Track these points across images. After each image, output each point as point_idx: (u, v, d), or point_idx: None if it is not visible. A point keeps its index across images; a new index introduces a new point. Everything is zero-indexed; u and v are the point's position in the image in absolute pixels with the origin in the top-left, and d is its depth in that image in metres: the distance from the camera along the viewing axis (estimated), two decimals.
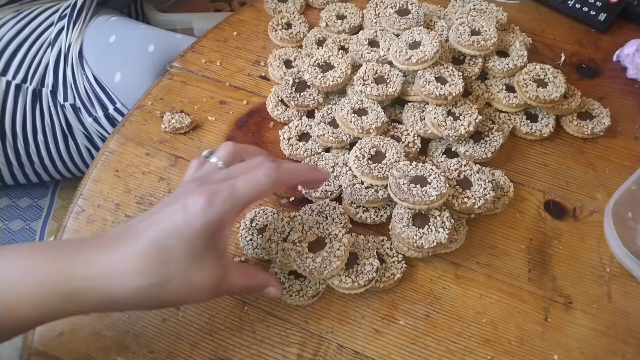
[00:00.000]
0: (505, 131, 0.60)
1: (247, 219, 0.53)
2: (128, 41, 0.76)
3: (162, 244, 0.37)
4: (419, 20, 0.63)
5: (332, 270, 0.46)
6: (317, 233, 0.48)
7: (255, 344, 0.47)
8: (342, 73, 0.60)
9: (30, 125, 0.77)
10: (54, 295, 0.36)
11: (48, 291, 0.36)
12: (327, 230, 0.48)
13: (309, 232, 0.48)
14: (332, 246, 0.47)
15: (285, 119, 0.62)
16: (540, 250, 0.54)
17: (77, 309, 0.37)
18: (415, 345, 0.48)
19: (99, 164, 0.58)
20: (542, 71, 0.62)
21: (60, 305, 0.36)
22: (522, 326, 0.49)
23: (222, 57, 0.68)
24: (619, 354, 0.48)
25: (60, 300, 0.36)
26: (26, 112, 0.77)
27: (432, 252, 0.50)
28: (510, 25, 0.69)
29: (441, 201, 0.48)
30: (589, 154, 0.62)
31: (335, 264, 0.46)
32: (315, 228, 0.48)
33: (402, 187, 0.48)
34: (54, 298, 0.36)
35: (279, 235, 0.49)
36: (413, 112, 0.59)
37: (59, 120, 0.79)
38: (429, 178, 0.49)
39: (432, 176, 0.49)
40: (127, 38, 0.76)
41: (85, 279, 0.36)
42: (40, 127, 0.78)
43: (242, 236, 0.52)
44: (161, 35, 0.78)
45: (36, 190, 0.89)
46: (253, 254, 0.51)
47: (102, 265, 0.36)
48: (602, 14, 0.74)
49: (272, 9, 0.73)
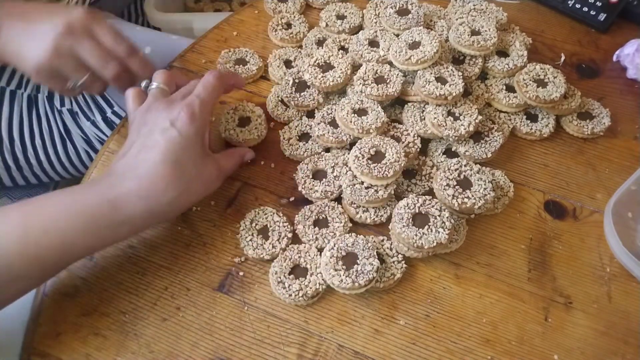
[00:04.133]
0: (505, 131, 0.60)
1: (247, 219, 0.53)
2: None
3: (173, 159, 0.45)
4: (419, 20, 0.63)
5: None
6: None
7: (255, 344, 0.47)
8: (342, 73, 0.60)
9: (28, 130, 0.77)
10: (104, 224, 0.43)
11: (99, 222, 0.43)
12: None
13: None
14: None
15: (285, 119, 0.62)
16: (540, 250, 0.54)
17: (126, 232, 0.45)
18: (415, 345, 0.48)
19: (99, 164, 0.58)
20: (542, 71, 0.62)
21: (111, 231, 0.44)
22: (522, 326, 0.49)
23: None
24: (619, 354, 0.48)
25: (110, 228, 0.44)
26: (22, 117, 0.77)
27: (432, 252, 0.50)
28: (510, 25, 0.69)
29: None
30: (589, 154, 0.62)
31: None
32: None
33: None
34: (106, 227, 0.43)
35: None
36: (413, 112, 0.59)
37: (56, 125, 0.79)
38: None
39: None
40: None
41: (126, 206, 0.43)
42: (37, 131, 0.78)
43: (242, 237, 0.52)
44: (157, 37, 0.78)
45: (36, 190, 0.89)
46: (253, 254, 0.51)
47: (135, 190, 0.44)
48: (602, 14, 0.74)
49: (272, 9, 0.73)
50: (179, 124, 0.46)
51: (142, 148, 0.46)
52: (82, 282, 0.50)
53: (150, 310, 0.48)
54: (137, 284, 0.50)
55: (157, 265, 0.51)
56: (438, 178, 0.52)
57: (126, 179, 0.44)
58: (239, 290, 0.50)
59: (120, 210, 0.43)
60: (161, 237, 0.53)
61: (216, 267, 0.51)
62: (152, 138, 0.46)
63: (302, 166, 0.56)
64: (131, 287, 0.49)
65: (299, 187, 0.55)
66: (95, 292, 0.49)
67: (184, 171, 0.46)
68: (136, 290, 0.49)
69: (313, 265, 0.50)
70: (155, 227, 0.53)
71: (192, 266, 0.51)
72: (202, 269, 0.51)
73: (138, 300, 0.49)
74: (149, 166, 0.44)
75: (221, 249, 0.52)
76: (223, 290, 0.50)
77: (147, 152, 0.45)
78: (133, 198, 0.44)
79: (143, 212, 0.44)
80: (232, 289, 0.50)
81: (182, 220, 0.54)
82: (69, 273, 0.50)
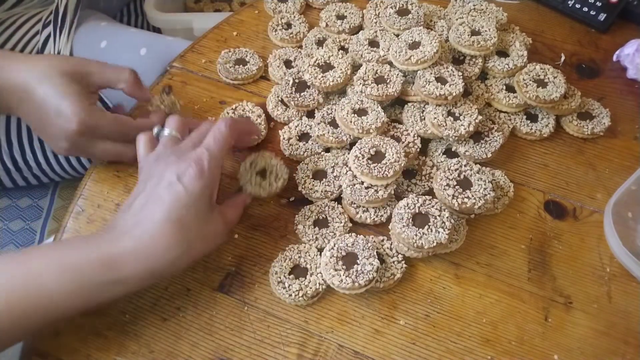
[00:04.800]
0: (505, 131, 0.60)
1: (247, 162, 0.54)
2: (119, 46, 0.75)
3: (176, 217, 0.42)
4: (419, 20, 0.63)
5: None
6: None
7: (255, 344, 0.47)
8: (342, 73, 0.60)
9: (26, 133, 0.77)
10: (95, 282, 0.40)
11: (89, 280, 0.40)
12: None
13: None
14: None
15: (285, 119, 0.62)
16: (540, 250, 0.54)
17: (119, 292, 0.42)
18: (415, 345, 0.48)
19: (99, 164, 0.58)
20: (542, 71, 0.62)
21: (101, 290, 0.41)
22: (522, 326, 0.49)
23: None
24: (619, 354, 0.48)
25: (102, 287, 0.41)
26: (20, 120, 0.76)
27: (432, 252, 0.50)
28: (510, 25, 0.69)
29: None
30: (589, 154, 0.62)
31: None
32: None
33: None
34: (96, 285, 0.41)
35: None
36: (413, 112, 0.59)
37: None
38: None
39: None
40: (118, 43, 0.76)
41: (124, 266, 0.41)
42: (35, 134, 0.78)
43: (242, 175, 0.54)
44: (152, 38, 0.78)
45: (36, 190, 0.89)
46: (252, 190, 0.53)
47: (134, 250, 0.41)
48: (602, 14, 0.74)
49: (272, 9, 0.73)
50: (185, 179, 0.43)
51: (146, 203, 0.43)
52: None
53: (150, 310, 0.48)
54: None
55: None
56: (438, 178, 0.52)
57: (125, 236, 0.42)
58: (239, 290, 0.50)
59: (115, 269, 0.41)
60: None
61: (216, 267, 0.51)
62: (157, 193, 0.43)
63: (302, 166, 0.56)
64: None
65: (299, 187, 0.55)
66: None
67: (187, 230, 0.43)
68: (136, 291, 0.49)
69: (313, 265, 0.50)
70: None
71: (192, 266, 0.51)
72: (202, 269, 0.51)
73: (138, 300, 0.49)
74: (151, 224, 0.42)
75: (221, 249, 0.52)
76: (223, 290, 0.50)
77: (150, 208, 0.43)
78: (130, 258, 0.41)
79: (141, 272, 0.42)
80: (232, 289, 0.50)
81: None
82: None
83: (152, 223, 0.42)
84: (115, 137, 0.52)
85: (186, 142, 0.48)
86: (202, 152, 0.45)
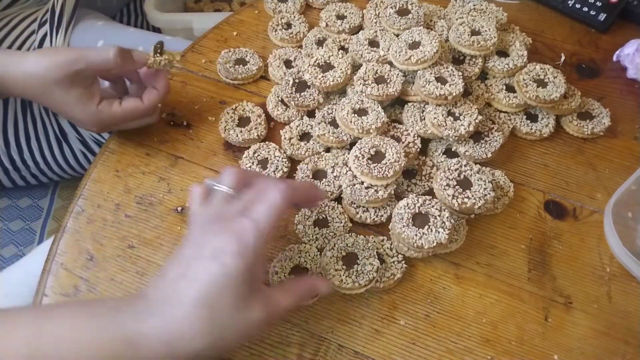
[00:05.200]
0: (505, 131, 0.60)
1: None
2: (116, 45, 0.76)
3: (209, 301, 0.36)
4: (419, 20, 0.63)
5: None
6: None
7: (255, 344, 0.47)
8: (342, 73, 0.60)
9: (23, 133, 0.77)
10: (112, 357, 0.36)
11: (109, 355, 0.35)
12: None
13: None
14: None
15: (286, 119, 0.62)
16: (540, 250, 0.54)
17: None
18: (415, 345, 0.48)
19: (99, 164, 0.58)
20: (542, 71, 0.62)
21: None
22: (522, 326, 0.49)
23: None
24: (619, 354, 0.48)
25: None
26: (17, 120, 0.76)
27: (432, 252, 0.50)
28: (510, 25, 0.69)
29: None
30: (589, 154, 0.62)
31: None
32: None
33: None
34: (112, 359, 0.36)
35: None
36: (413, 112, 0.59)
37: (52, 127, 0.79)
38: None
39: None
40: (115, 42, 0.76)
41: (146, 347, 0.36)
42: (33, 133, 0.78)
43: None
44: (150, 37, 0.78)
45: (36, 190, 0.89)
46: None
47: (158, 330, 0.36)
48: (602, 14, 0.74)
49: (272, 9, 0.73)
50: (223, 257, 0.37)
51: (181, 277, 0.38)
52: (82, 282, 0.50)
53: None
54: (137, 284, 0.50)
55: (157, 265, 0.51)
56: (438, 178, 0.52)
57: (152, 312, 0.37)
58: None
59: (136, 349, 0.36)
60: (161, 237, 0.53)
61: None
62: (193, 267, 0.38)
63: (302, 166, 0.56)
64: (131, 287, 0.49)
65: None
66: (95, 292, 0.49)
67: (220, 318, 0.37)
68: (136, 291, 0.49)
69: (313, 265, 0.50)
70: (155, 227, 0.53)
71: None
72: None
73: None
74: (180, 305, 0.37)
75: None
76: None
77: (182, 285, 0.37)
78: (153, 340, 0.36)
79: (160, 356, 0.36)
80: None
81: (182, 221, 0.54)
82: (68, 273, 0.50)
83: (181, 305, 0.37)
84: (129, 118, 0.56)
85: (237, 204, 0.41)
86: (248, 226, 0.38)
